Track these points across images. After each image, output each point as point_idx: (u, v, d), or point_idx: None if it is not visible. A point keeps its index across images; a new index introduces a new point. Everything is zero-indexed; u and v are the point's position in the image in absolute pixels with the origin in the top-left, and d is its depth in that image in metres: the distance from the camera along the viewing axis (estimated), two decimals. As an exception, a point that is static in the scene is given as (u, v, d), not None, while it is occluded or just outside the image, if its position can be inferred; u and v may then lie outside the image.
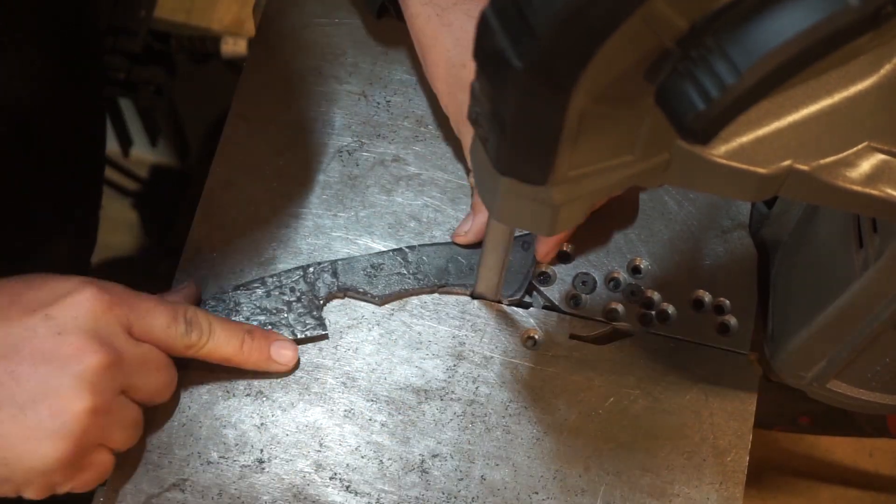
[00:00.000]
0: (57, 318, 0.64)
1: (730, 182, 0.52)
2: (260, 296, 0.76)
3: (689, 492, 0.73)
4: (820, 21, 0.40)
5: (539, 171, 0.50)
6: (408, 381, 0.75)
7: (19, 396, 0.62)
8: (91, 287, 0.66)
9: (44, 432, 0.63)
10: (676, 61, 0.43)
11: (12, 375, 0.63)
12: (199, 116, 1.62)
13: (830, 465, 1.36)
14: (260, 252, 0.78)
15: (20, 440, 0.63)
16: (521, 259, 0.77)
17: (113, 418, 0.66)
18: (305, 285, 0.76)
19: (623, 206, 0.80)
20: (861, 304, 0.62)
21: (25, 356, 0.63)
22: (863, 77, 0.51)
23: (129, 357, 0.66)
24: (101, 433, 0.65)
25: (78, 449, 0.64)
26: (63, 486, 0.66)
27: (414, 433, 0.74)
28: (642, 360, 0.76)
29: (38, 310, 0.64)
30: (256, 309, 0.75)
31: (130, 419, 0.68)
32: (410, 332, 0.77)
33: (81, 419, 0.63)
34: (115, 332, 0.66)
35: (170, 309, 0.69)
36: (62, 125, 0.90)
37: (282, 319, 0.75)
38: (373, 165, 0.82)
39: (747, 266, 0.79)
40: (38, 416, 0.62)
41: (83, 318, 0.65)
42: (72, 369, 0.63)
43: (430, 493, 0.72)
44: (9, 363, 0.63)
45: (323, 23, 0.86)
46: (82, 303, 0.65)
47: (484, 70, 0.46)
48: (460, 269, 0.77)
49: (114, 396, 0.65)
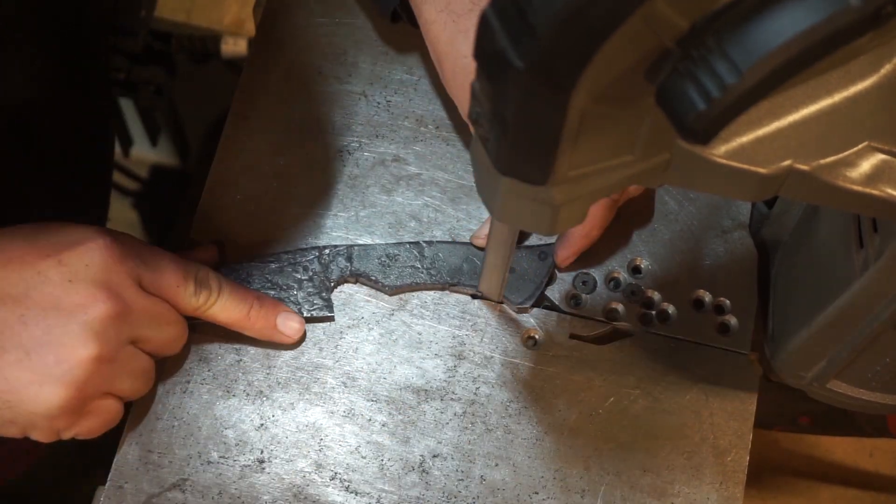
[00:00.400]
0: (69, 265, 0.65)
1: (730, 182, 0.52)
2: (273, 270, 0.76)
3: (689, 492, 0.73)
4: (820, 21, 0.40)
5: (539, 171, 0.50)
6: (408, 381, 0.75)
7: (26, 341, 0.64)
8: (105, 237, 0.67)
9: (48, 377, 0.64)
10: (677, 61, 0.43)
11: (21, 319, 0.64)
12: (199, 116, 1.62)
13: (830, 465, 1.36)
14: (260, 252, 0.78)
15: (24, 384, 0.64)
16: (537, 269, 0.77)
17: (120, 367, 0.67)
18: (319, 266, 0.77)
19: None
20: (861, 304, 0.62)
21: (36, 301, 0.64)
22: (863, 77, 0.51)
23: (137, 309, 0.67)
24: (107, 381, 0.66)
25: (81, 395, 0.65)
26: (68, 431, 0.67)
27: (414, 433, 0.74)
28: (642, 360, 0.76)
29: (51, 255, 0.65)
30: (267, 282, 0.76)
31: (139, 369, 0.69)
32: (410, 332, 0.77)
33: (86, 367, 0.64)
34: (125, 283, 0.67)
35: (181, 267, 0.70)
36: (64, 126, 0.90)
37: (291, 296, 0.76)
38: (373, 165, 0.82)
39: (747, 266, 0.79)
40: (43, 362, 0.63)
41: (94, 268, 0.65)
42: (79, 318, 0.64)
43: (430, 493, 0.72)
44: (19, 307, 0.64)
45: (323, 23, 0.86)
46: (95, 252, 0.66)
47: (484, 70, 0.46)
48: (474, 269, 0.77)
49: (121, 346, 0.66)
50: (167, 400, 0.74)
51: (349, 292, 0.78)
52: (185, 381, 0.74)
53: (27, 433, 0.66)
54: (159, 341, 0.69)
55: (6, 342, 0.63)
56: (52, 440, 0.67)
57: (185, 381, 0.74)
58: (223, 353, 0.75)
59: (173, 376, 0.74)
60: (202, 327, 0.74)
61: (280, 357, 0.75)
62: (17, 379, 0.63)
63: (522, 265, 0.77)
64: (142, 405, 0.74)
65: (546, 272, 0.77)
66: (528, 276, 0.77)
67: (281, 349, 0.76)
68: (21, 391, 0.64)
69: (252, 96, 0.84)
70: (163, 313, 0.69)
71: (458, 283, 0.77)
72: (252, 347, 0.75)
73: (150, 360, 0.70)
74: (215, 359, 0.75)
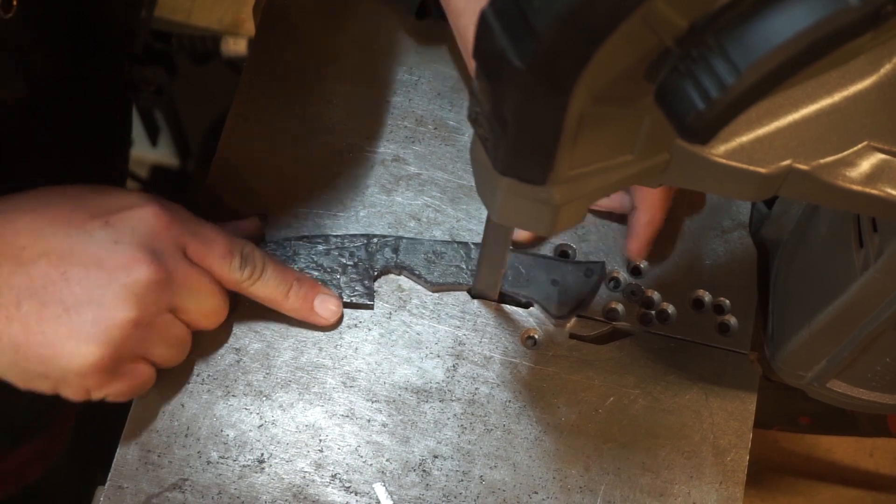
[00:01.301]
0: (116, 227, 0.66)
1: (729, 182, 0.52)
2: (319, 251, 0.77)
3: (689, 492, 0.73)
4: (820, 21, 0.40)
5: (539, 171, 0.50)
6: (408, 381, 0.75)
7: (67, 298, 0.64)
8: (154, 204, 0.67)
9: (84, 335, 0.64)
10: (676, 61, 0.43)
11: (64, 276, 0.64)
12: (199, 116, 1.62)
13: (830, 465, 1.35)
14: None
15: (61, 339, 0.64)
16: (582, 285, 0.77)
17: (156, 333, 0.67)
18: (365, 254, 0.77)
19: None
20: (861, 304, 0.62)
21: (79, 259, 0.64)
22: (863, 77, 0.51)
23: (179, 276, 0.67)
24: (142, 346, 0.67)
25: (115, 356, 0.65)
26: (98, 391, 0.67)
27: (414, 433, 0.74)
28: (642, 359, 0.76)
29: (99, 216, 0.66)
30: (312, 263, 0.77)
31: (175, 337, 0.69)
32: (410, 332, 0.77)
33: (122, 328, 0.65)
34: (170, 250, 0.67)
35: (228, 241, 0.71)
36: (73, 125, 0.90)
37: (333, 280, 0.76)
38: (373, 165, 0.82)
39: (747, 266, 0.79)
40: (81, 319, 0.64)
41: (141, 232, 0.66)
42: (120, 279, 0.65)
43: (430, 493, 0.72)
44: (62, 264, 0.64)
45: (323, 23, 0.86)
46: (143, 217, 0.66)
47: (484, 70, 0.46)
48: (518, 276, 0.77)
49: (159, 312, 0.67)
50: (167, 400, 0.74)
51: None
52: (185, 381, 0.74)
53: (58, 390, 0.67)
54: (199, 312, 0.70)
55: (47, 297, 0.64)
56: (81, 399, 0.67)
57: (185, 381, 0.74)
58: (223, 353, 0.75)
59: (173, 376, 0.74)
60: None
61: (280, 357, 0.76)
62: (55, 334, 0.64)
63: (568, 280, 0.77)
64: (142, 405, 0.74)
65: (590, 289, 0.77)
66: (571, 291, 0.77)
67: (280, 349, 0.76)
68: (56, 346, 0.64)
69: (252, 96, 0.84)
70: (205, 284, 0.69)
71: (501, 289, 0.77)
72: (252, 347, 0.76)
73: (187, 331, 0.70)
74: (215, 359, 0.75)
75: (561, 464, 0.73)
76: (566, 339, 0.77)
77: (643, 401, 0.75)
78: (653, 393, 0.75)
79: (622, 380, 0.76)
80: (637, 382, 0.76)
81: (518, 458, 0.73)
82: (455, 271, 0.78)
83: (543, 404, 0.75)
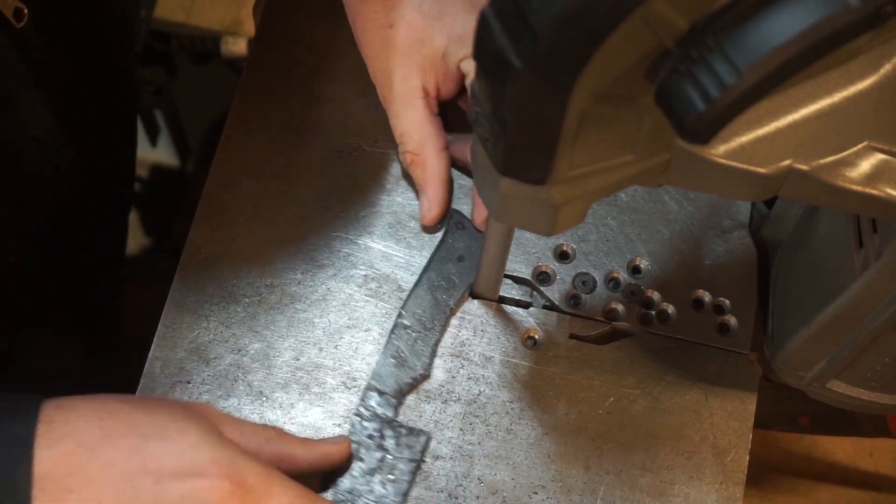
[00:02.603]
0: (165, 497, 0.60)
1: (729, 182, 0.52)
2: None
3: (689, 492, 0.73)
4: (820, 21, 0.40)
5: (539, 171, 0.50)
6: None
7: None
8: (223, 478, 0.61)
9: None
10: (676, 61, 0.43)
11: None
12: (199, 116, 1.62)
13: (830, 465, 1.35)
14: (260, 252, 0.78)
15: None
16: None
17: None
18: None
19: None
20: (861, 304, 0.62)
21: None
22: (863, 77, 0.51)
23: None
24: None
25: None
26: None
27: (414, 433, 0.74)
28: (642, 360, 0.76)
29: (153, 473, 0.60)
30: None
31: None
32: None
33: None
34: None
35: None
36: (84, 127, 0.90)
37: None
38: (373, 165, 0.82)
39: (747, 266, 0.79)
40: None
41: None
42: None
43: (430, 493, 0.72)
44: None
45: (323, 23, 0.86)
46: (206, 490, 0.60)
47: (484, 70, 0.46)
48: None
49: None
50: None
51: (349, 292, 0.78)
52: (185, 382, 0.74)
53: None
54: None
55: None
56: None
57: (185, 382, 0.74)
58: (223, 353, 0.75)
59: (173, 376, 0.74)
60: (205, 320, 0.74)
61: (280, 357, 0.75)
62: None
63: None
64: (142, 405, 0.74)
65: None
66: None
67: (280, 349, 0.76)
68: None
69: (252, 96, 0.84)
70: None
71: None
72: (252, 347, 0.75)
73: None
74: (215, 359, 0.75)
75: (561, 464, 0.73)
76: (566, 340, 0.77)
77: (643, 401, 0.75)
78: (653, 393, 0.75)
79: (622, 380, 0.76)
80: (637, 382, 0.76)
81: (518, 459, 0.73)
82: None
83: (544, 404, 0.75)
